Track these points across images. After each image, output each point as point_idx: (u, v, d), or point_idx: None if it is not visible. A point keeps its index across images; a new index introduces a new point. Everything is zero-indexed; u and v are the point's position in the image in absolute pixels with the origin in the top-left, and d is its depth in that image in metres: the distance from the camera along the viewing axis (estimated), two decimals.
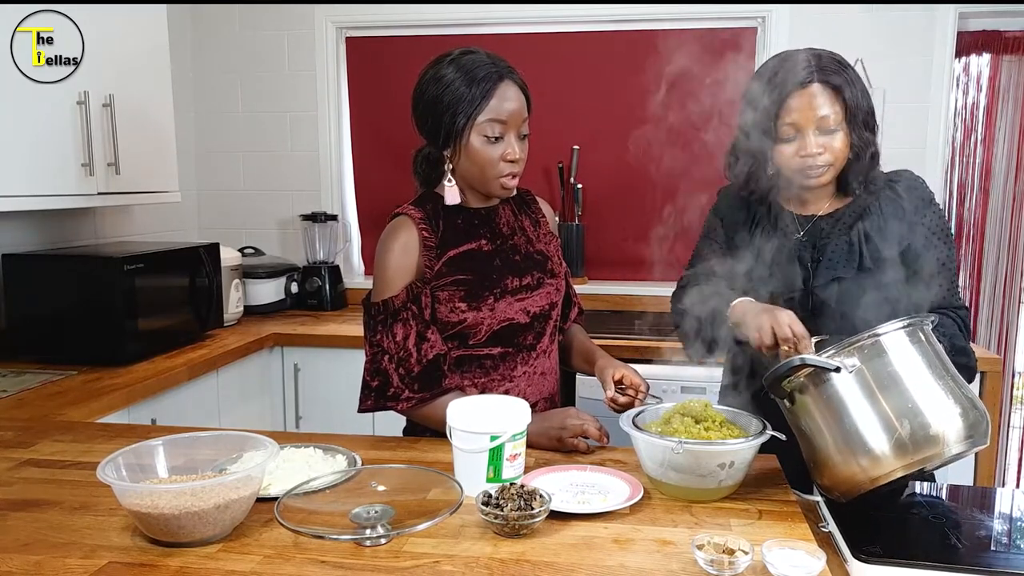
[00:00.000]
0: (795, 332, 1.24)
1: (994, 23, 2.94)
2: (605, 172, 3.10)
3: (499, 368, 1.49)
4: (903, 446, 1.07)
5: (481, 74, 1.38)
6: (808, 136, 1.36)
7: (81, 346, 2.21)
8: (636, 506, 1.13)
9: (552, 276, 1.54)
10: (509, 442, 1.15)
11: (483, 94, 1.38)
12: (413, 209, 1.47)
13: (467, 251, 1.46)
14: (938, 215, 1.45)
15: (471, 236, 1.48)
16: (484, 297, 1.44)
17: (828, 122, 1.35)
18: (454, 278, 1.44)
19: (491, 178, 1.42)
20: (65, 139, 2.15)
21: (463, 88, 1.38)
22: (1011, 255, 3.02)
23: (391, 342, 1.42)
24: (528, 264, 1.51)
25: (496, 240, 1.50)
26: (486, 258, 1.48)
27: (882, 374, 1.11)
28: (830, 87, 1.35)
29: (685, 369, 2.45)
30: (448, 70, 1.40)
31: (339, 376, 2.77)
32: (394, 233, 1.46)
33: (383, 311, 1.43)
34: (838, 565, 1.06)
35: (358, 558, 0.97)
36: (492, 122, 1.38)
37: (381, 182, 3.29)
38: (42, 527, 1.06)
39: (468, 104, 1.38)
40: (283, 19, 3.27)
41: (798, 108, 1.35)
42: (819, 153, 1.36)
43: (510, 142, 1.41)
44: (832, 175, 1.41)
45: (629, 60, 3.05)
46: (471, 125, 1.39)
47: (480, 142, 1.40)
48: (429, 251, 1.44)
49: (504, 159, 1.41)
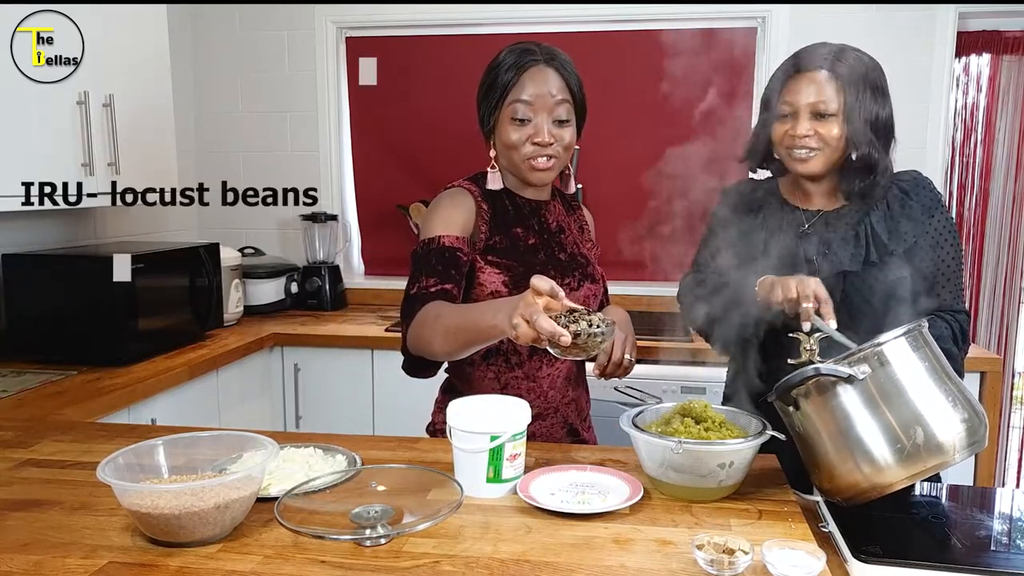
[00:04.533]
0: (819, 295, 1.23)
1: (994, 23, 2.95)
2: (605, 172, 3.09)
3: (524, 366, 1.47)
4: (909, 457, 1.06)
5: (512, 60, 1.41)
6: (800, 117, 1.37)
7: (81, 346, 2.21)
8: (636, 506, 1.13)
9: (593, 281, 1.53)
10: (509, 442, 1.15)
11: (511, 78, 1.40)
12: (470, 183, 1.49)
13: (514, 237, 1.46)
14: (947, 217, 1.44)
15: (519, 224, 1.48)
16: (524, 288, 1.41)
17: (822, 107, 1.36)
18: (500, 260, 1.43)
19: (518, 161, 1.43)
20: (65, 139, 2.15)
21: (497, 75, 1.42)
22: (1011, 255, 3.02)
23: (429, 274, 1.37)
24: (572, 264, 1.51)
25: (543, 234, 1.50)
26: (531, 250, 1.47)
27: (886, 384, 1.09)
28: (837, 77, 1.36)
29: (685, 369, 2.45)
30: (492, 62, 1.45)
31: (339, 376, 2.77)
32: (450, 195, 1.46)
33: (427, 249, 1.39)
34: (838, 565, 1.06)
35: (358, 558, 0.97)
36: (517, 103, 1.40)
37: (381, 182, 3.29)
38: (42, 527, 1.06)
39: (500, 89, 1.41)
40: (283, 19, 3.27)
41: (796, 89, 1.38)
42: (807, 136, 1.37)
43: (539, 124, 1.40)
44: (821, 163, 1.40)
45: (629, 60, 3.05)
46: (500, 108, 1.42)
47: (507, 124, 1.41)
48: (484, 222, 1.44)
49: (531, 141, 1.41)
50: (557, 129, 1.42)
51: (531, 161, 1.42)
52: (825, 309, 1.22)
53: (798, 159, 1.40)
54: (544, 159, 1.42)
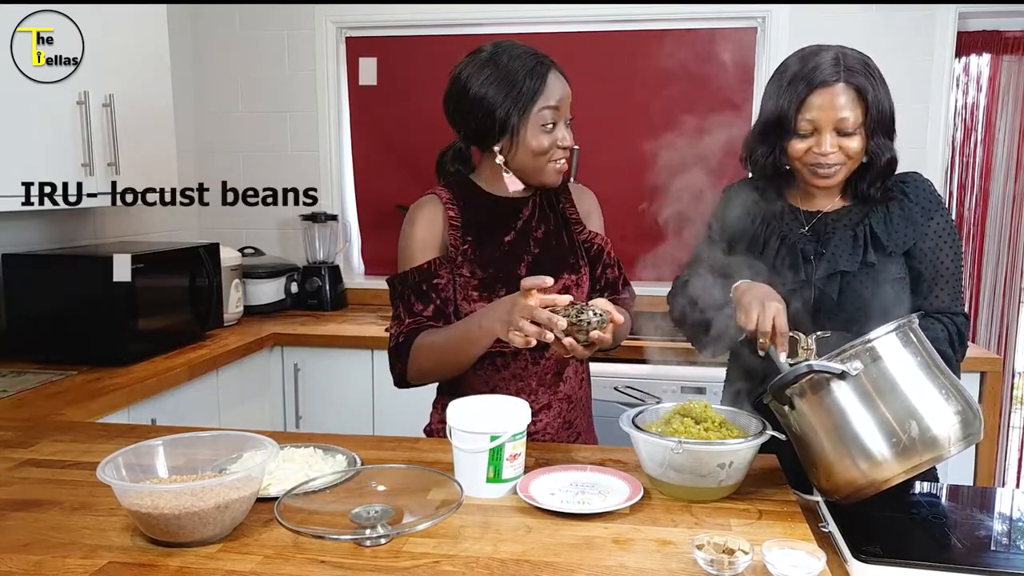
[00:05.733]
0: (776, 326, 1.24)
1: (994, 23, 2.95)
2: (605, 172, 3.09)
3: (510, 367, 1.48)
4: (905, 450, 1.07)
5: (531, 64, 1.41)
6: (825, 135, 1.35)
7: (81, 346, 2.21)
8: (636, 506, 1.13)
9: (573, 271, 1.52)
10: (509, 442, 1.15)
11: (537, 85, 1.40)
12: (441, 190, 1.50)
13: (487, 237, 1.47)
14: (946, 219, 1.44)
15: (494, 223, 1.49)
16: (497, 290, 1.44)
17: (847, 124, 1.34)
18: (472, 265, 1.45)
19: (544, 165, 1.45)
20: (65, 139, 2.15)
21: (517, 81, 1.40)
22: (1011, 255, 3.02)
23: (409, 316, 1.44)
24: (546, 258, 1.50)
25: (518, 232, 1.50)
26: (505, 249, 1.48)
27: (879, 379, 1.10)
28: (854, 88, 1.34)
29: (685, 369, 2.45)
30: (491, 67, 1.42)
31: (339, 376, 2.78)
32: (420, 208, 1.49)
33: (404, 283, 1.46)
34: (838, 565, 1.06)
35: (358, 558, 0.97)
36: (546, 110, 1.41)
37: (381, 182, 3.29)
38: (42, 527, 1.06)
39: (524, 96, 1.40)
40: (283, 19, 3.27)
41: (819, 106, 1.35)
42: (832, 153, 1.36)
43: (561, 129, 1.44)
44: (843, 176, 1.40)
45: (629, 60, 3.05)
46: (528, 116, 1.41)
47: (536, 132, 1.42)
48: (455, 230, 1.46)
49: (558, 145, 1.44)
50: (568, 130, 1.46)
51: (555, 164, 1.46)
52: (778, 341, 1.24)
53: (823, 176, 1.39)
54: (564, 163, 1.47)
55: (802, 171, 1.41)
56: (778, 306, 1.26)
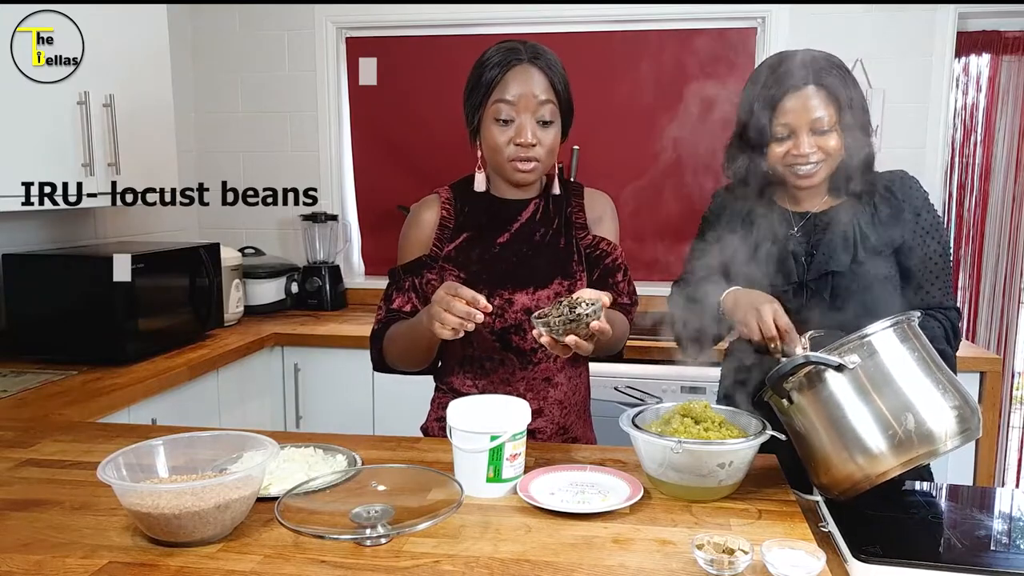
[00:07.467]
0: (779, 326, 1.25)
1: (994, 23, 2.94)
2: (605, 173, 3.09)
3: (499, 371, 1.48)
4: (901, 444, 1.08)
5: (497, 59, 1.40)
6: (801, 137, 1.37)
7: (81, 346, 2.21)
8: (636, 506, 1.13)
9: (567, 277, 1.47)
10: (509, 442, 1.15)
11: (494, 78, 1.39)
12: (444, 189, 1.53)
13: (481, 240, 1.47)
14: (932, 214, 1.46)
15: (491, 224, 1.49)
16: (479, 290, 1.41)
17: (822, 123, 1.37)
18: (462, 268, 1.45)
19: (502, 162, 1.42)
20: (65, 139, 2.15)
21: (483, 74, 1.41)
22: (1011, 255, 3.02)
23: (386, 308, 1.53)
24: (540, 262, 1.47)
25: (513, 234, 1.49)
26: (495, 251, 1.47)
27: (876, 373, 1.11)
28: (825, 89, 1.37)
29: (685, 369, 2.45)
30: (478, 61, 1.44)
31: (339, 376, 2.77)
32: (418, 207, 1.53)
33: (392, 276, 1.53)
34: (838, 565, 1.06)
35: (358, 558, 0.97)
36: (500, 103, 1.39)
37: (381, 182, 3.29)
38: (42, 527, 1.06)
39: (481, 89, 1.41)
40: (283, 19, 3.27)
41: (792, 109, 1.37)
42: (811, 152, 1.38)
43: (522, 125, 1.39)
44: (824, 174, 1.41)
45: (629, 60, 3.05)
46: (484, 109, 1.41)
47: (489, 125, 1.41)
48: (443, 231, 1.48)
49: (513, 142, 1.40)
50: (541, 131, 1.40)
51: (514, 163, 1.41)
52: (788, 338, 1.25)
53: (804, 175, 1.40)
54: (523, 162, 1.41)
55: (784, 173, 1.43)
56: (772, 306, 1.28)
